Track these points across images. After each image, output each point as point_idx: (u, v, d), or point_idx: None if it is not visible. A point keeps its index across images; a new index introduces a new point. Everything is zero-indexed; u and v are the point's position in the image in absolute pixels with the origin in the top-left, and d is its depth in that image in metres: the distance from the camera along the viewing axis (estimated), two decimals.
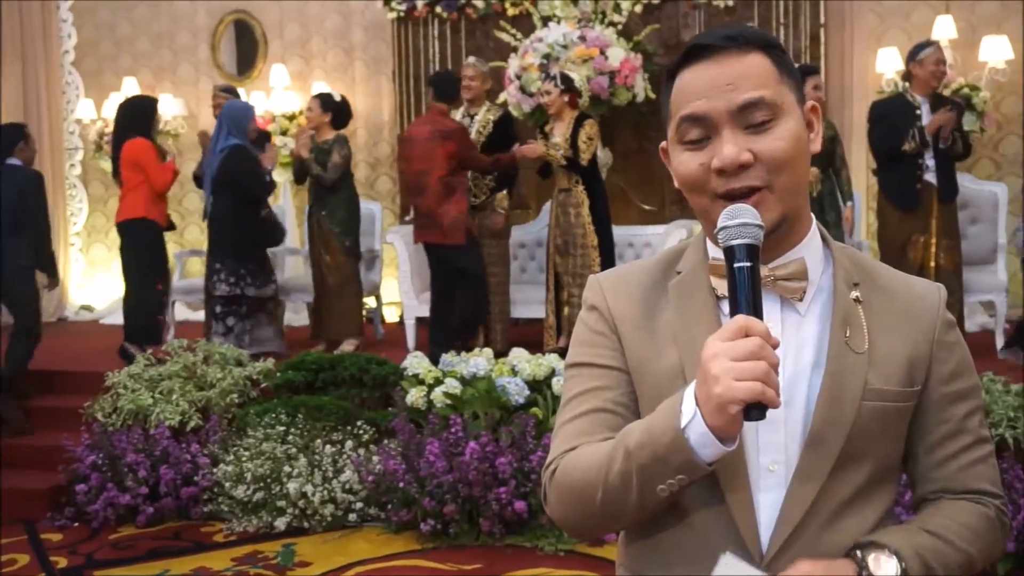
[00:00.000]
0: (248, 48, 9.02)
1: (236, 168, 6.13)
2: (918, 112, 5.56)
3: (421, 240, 6.13)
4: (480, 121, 6.36)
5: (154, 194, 6.33)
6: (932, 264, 5.52)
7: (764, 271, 1.26)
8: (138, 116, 6.48)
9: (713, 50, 1.27)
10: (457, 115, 6.40)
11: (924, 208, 5.59)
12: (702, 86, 1.26)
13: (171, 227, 6.63)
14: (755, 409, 1.12)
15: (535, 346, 5.55)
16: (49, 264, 6.17)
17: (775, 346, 1.14)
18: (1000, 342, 5.84)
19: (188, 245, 8.94)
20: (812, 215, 1.36)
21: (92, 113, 8.94)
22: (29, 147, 6.28)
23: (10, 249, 5.88)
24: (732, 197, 1.25)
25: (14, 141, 6.17)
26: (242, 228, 6.17)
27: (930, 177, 5.59)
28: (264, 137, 6.83)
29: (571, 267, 5.90)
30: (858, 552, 1.24)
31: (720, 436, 1.16)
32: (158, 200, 6.38)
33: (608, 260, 5.85)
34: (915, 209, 5.61)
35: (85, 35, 9.29)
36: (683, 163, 1.30)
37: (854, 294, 1.33)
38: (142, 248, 6.35)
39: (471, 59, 6.66)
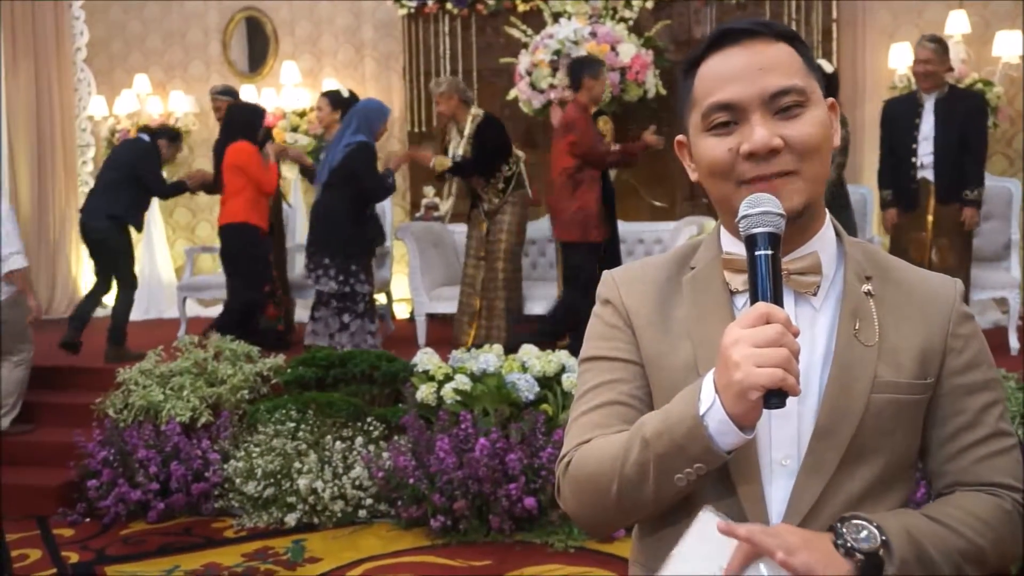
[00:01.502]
0: (259, 45, 9.03)
1: (360, 165, 5.96)
2: (919, 110, 5.57)
3: (554, 236, 6.16)
4: (467, 134, 6.33)
5: (255, 198, 6.30)
6: (926, 262, 5.46)
7: None
8: (245, 123, 6.44)
9: (742, 36, 1.27)
10: (462, 128, 6.37)
11: (921, 206, 5.59)
12: (733, 71, 1.26)
13: (270, 231, 6.53)
14: (775, 396, 1.11)
15: (544, 343, 5.53)
16: (171, 190, 6.88)
17: (796, 334, 1.13)
18: (1014, 339, 5.81)
19: (199, 242, 8.96)
20: (826, 210, 1.35)
21: (104, 110, 8.97)
22: (173, 148, 6.90)
23: (106, 201, 6.41)
24: (761, 183, 1.24)
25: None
26: (353, 224, 6.02)
27: (927, 174, 5.59)
28: (267, 135, 6.84)
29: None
30: (837, 524, 1.21)
31: (739, 424, 1.15)
32: (259, 205, 6.34)
33: (612, 257, 5.82)
34: (912, 208, 5.64)
35: (97, 33, 9.32)
36: (709, 148, 1.28)
37: (866, 287, 1.32)
38: (242, 252, 6.33)
39: (431, 85, 6.66)
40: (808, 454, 1.25)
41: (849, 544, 1.18)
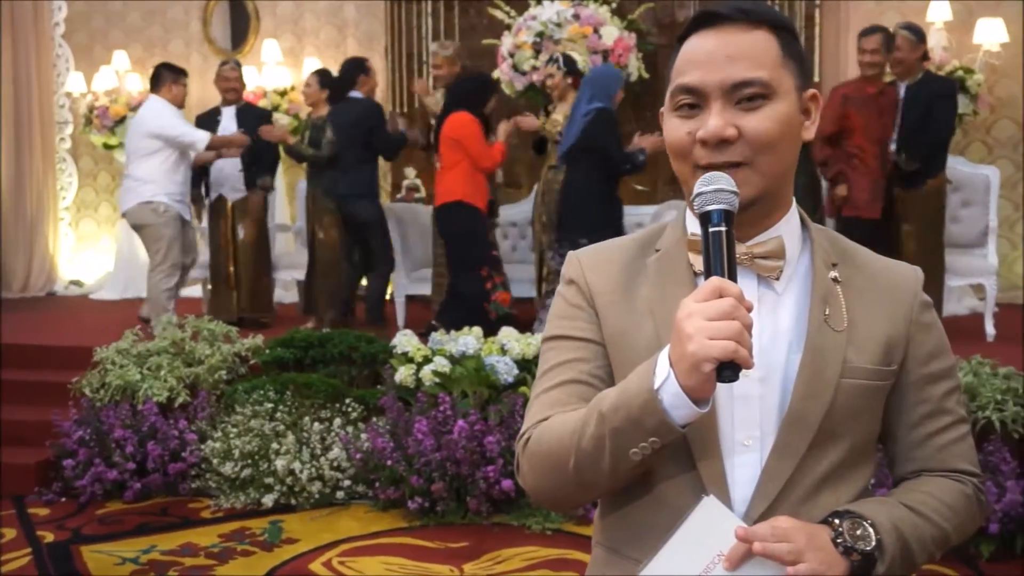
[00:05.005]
0: (240, 23, 8.96)
1: (600, 134, 5.46)
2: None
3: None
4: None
5: (471, 174, 5.88)
6: (894, 249, 5.48)
7: (741, 248, 1.28)
8: (473, 92, 6.03)
9: (721, 20, 1.28)
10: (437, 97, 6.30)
11: (888, 195, 5.64)
12: (702, 56, 1.27)
13: (493, 212, 6.09)
14: (728, 369, 1.13)
15: (524, 325, 5.54)
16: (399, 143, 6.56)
17: (749, 309, 1.15)
18: (990, 326, 5.85)
19: None
20: (793, 199, 1.36)
21: (82, 87, 8.88)
22: (370, 79, 6.53)
23: (346, 180, 6.32)
24: (712, 171, 1.26)
25: (355, 75, 6.47)
26: (601, 202, 5.56)
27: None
28: (267, 117, 6.71)
29: (554, 243, 5.87)
30: (836, 520, 1.25)
31: (694, 397, 1.16)
32: (475, 180, 5.91)
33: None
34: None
35: (76, 8, 9.22)
36: (672, 129, 1.31)
37: (833, 274, 1.34)
38: (457, 234, 5.94)
39: (434, 46, 6.59)
40: (779, 438, 1.27)
41: (848, 544, 1.22)
